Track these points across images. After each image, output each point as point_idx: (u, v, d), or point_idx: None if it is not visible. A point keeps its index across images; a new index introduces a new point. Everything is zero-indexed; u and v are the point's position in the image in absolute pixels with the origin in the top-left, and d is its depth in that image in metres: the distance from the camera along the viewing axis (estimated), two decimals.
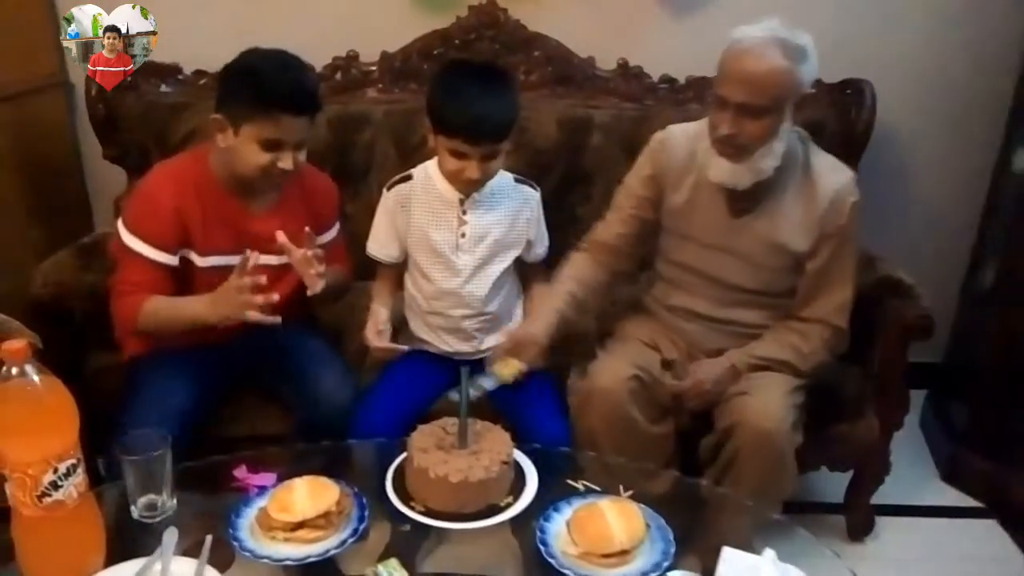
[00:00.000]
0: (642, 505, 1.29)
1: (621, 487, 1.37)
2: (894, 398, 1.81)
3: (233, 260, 1.53)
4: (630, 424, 1.59)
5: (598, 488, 1.38)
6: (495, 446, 1.34)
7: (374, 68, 2.18)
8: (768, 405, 1.54)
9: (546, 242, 1.82)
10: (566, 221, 2.10)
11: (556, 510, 1.30)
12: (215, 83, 2.13)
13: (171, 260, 1.61)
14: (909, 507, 2.09)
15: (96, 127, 2.06)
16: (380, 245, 1.76)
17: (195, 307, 1.56)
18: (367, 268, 1.83)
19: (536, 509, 1.30)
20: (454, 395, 1.38)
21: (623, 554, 1.20)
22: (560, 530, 1.26)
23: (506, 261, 1.73)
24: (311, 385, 1.66)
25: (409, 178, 1.73)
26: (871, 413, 1.82)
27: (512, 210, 1.72)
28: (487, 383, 1.56)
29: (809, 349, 1.64)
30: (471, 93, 1.56)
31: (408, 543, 1.49)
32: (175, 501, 1.30)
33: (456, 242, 1.69)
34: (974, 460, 2.14)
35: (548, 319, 1.63)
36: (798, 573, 1.17)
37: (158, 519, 1.28)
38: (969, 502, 2.12)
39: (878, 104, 2.07)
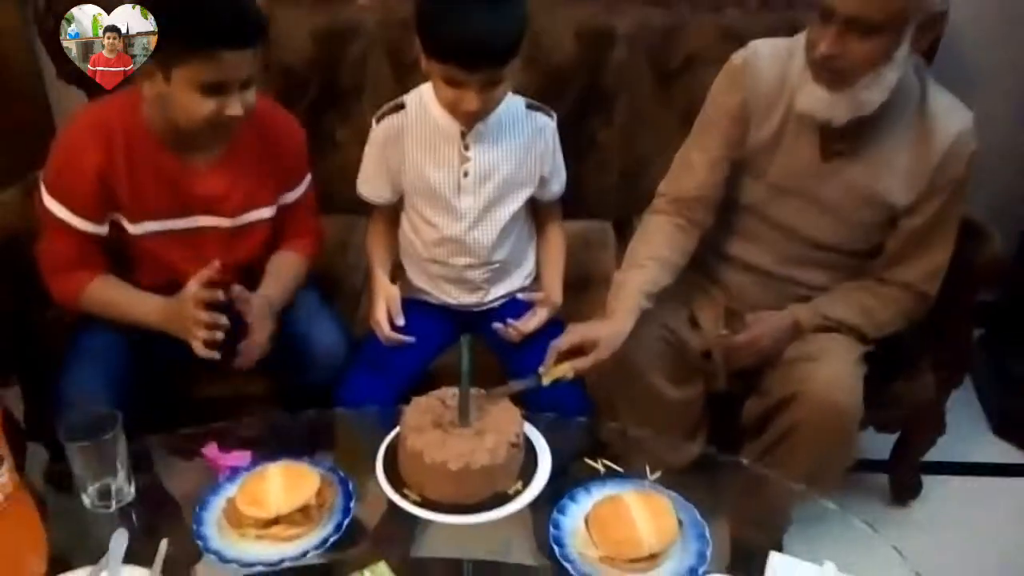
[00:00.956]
0: (673, 494, 1.12)
1: (648, 468, 1.19)
2: (956, 353, 1.60)
3: (170, 225, 1.34)
4: (652, 391, 1.40)
5: (620, 469, 1.20)
6: (502, 424, 1.15)
7: None
8: (839, 374, 1.34)
9: (563, 177, 1.58)
10: (584, 149, 1.87)
11: (573, 499, 1.13)
12: None
13: (98, 230, 1.38)
14: (955, 464, 1.92)
15: (46, 42, 1.81)
16: (371, 186, 1.54)
17: (144, 309, 1.39)
18: (361, 203, 1.60)
19: (549, 494, 1.12)
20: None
21: (652, 558, 1.03)
22: (578, 527, 1.08)
23: (516, 203, 1.50)
24: (300, 346, 1.46)
25: (401, 107, 1.48)
26: (927, 369, 1.62)
27: (523, 143, 1.48)
28: (522, 383, 1.26)
29: (885, 317, 1.42)
30: (465, 5, 1.28)
31: (402, 525, 1.35)
32: (133, 487, 1.14)
33: (458, 182, 1.46)
34: None
35: (622, 330, 1.33)
36: None
37: (115, 508, 1.12)
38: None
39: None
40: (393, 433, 1.18)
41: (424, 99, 1.45)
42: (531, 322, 1.47)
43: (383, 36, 1.87)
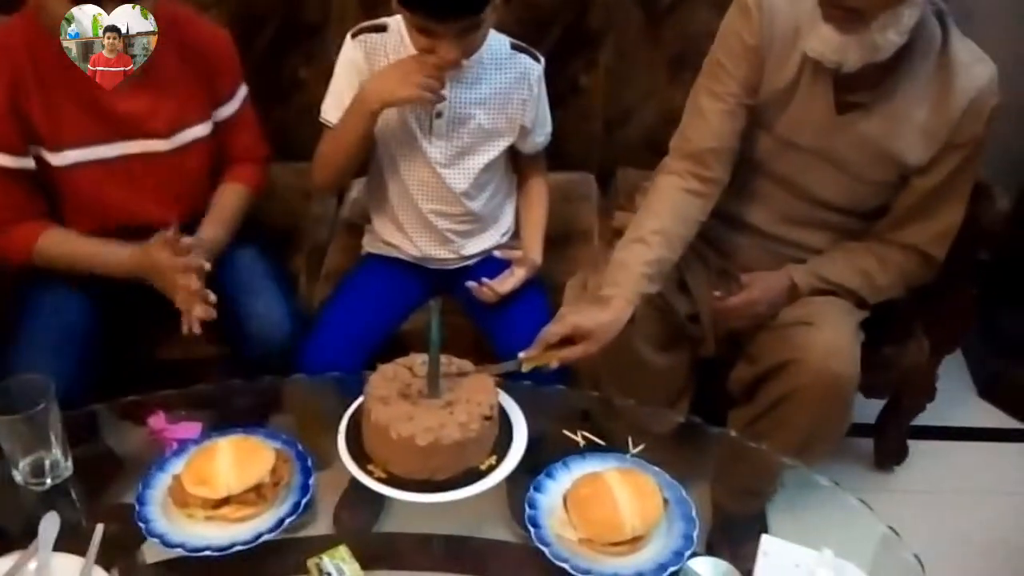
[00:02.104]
0: (657, 470, 1.05)
1: (630, 440, 1.11)
2: (954, 317, 1.53)
3: (99, 153, 1.26)
4: (636, 357, 1.32)
5: (601, 442, 1.13)
6: (474, 394, 1.06)
7: None
8: (838, 341, 1.26)
9: (548, 128, 1.47)
10: (566, 93, 1.76)
11: (550, 476, 1.06)
12: None
13: (23, 163, 1.27)
14: (940, 428, 1.86)
15: None
16: (340, 109, 1.35)
17: (116, 257, 1.30)
18: (313, 149, 1.43)
19: (525, 467, 1.04)
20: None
21: (635, 541, 0.96)
22: (555, 506, 1.01)
23: (493, 152, 1.39)
24: (241, 318, 1.35)
25: (383, 28, 1.34)
26: (920, 332, 1.55)
27: (504, 86, 1.36)
28: (500, 367, 1.15)
29: (885, 281, 1.34)
30: None
31: (365, 504, 1.27)
32: (70, 461, 1.05)
33: (429, 123, 1.34)
34: (1021, 375, 1.90)
35: (618, 321, 1.19)
36: (856, 572, 0.92)
37: (49, 485, 1.03)
38: (1011, 423, 1.90)
39: None
40: (357, 403, 1.10)
41: (404, 28, 1.32)
42: (508, 282, 1.37)
43: None
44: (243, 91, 1.44)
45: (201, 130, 1.37)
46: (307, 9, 1.75)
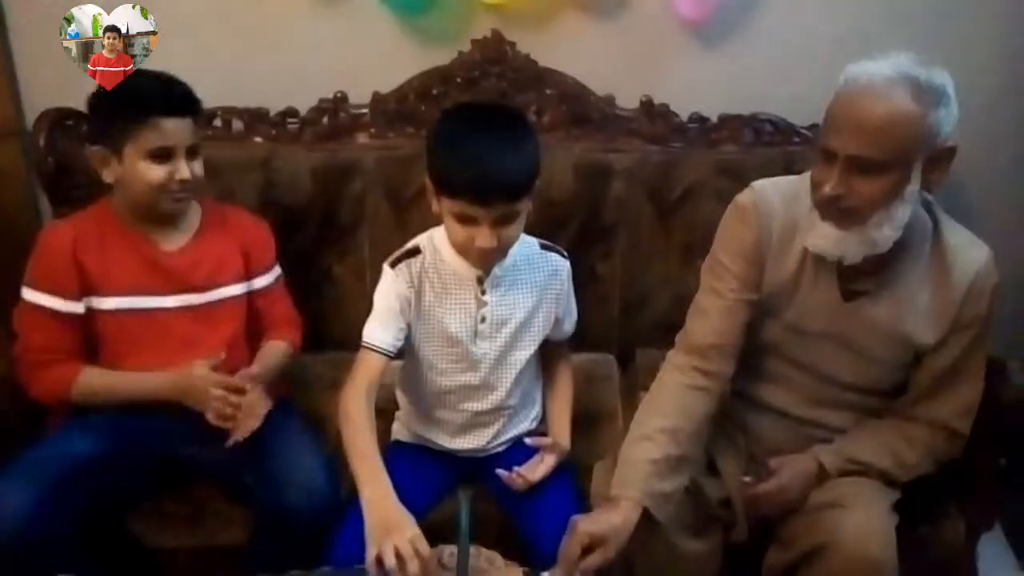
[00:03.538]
0: None
1: None
2: (985, 494, 1.51)
3: (143, 302, 1.47)
4: (668, 542, 1.30)
5: None
6: None
7: (365, 111, 1.94)
8: (872, 523, 1.24)
9: (574, 317, 1.54)
10: (586, 280, 1.85)
11: None
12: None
13: (75, 308, 1.46)
14: None
15: (44, 181, 1.81)
16: (386, 333, 1.37)
17: (154, 383, 1.45)
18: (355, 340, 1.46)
19: None
20: None
21: None
22: None
23: (533, 346, 1.46)
24: (281, 470, 1.38)
25: (417, 252, 1.41)
26: (955, 511, 1.52)
27: (539, 285, 1.44)
28: None
29: (914, 459, 1.35)
30: (478, 141, 1.26)
31: None
32: None
33: (475, 328, 1.41)
34: None
35: (628, 523, 1.19)
36: None
37: None
38: None
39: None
40: None
41: (436, 243, 1.41)
42: (539, 469, 1.39)
43: (382, 173, 1.88)
44: (278, 269, 1.66)
45: (234, 290, 1.56)
46: (342, 210, 1.88)
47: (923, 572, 1.59)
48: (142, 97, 1.41)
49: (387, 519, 1.16)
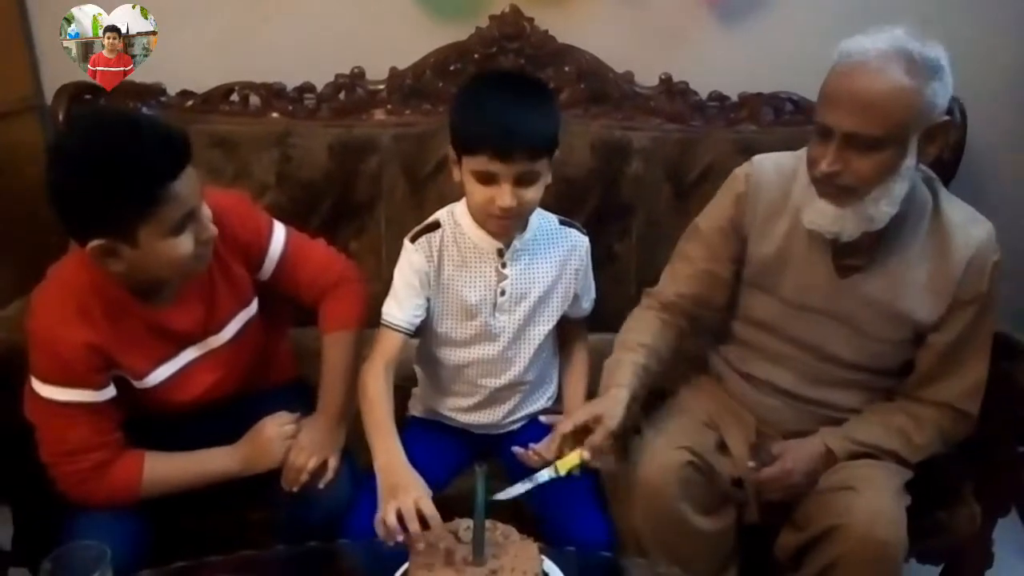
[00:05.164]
0: None
1: None
2: (1001, 480, 1.50)
3: (171, 368, 1.33)
4: (681, 523, 1.31)
5: None
6: (519, 562, 1.07)
7: (382, 87, 1.93)
8: (881, 506, 1.24)
9: (592, 294, 1.54)
10: (603, 260, 1.82)
11: None
12: (203, 104, 1.93)
13: (110, 393, 1.29)
14: None
15: None
16: (403, 311, 1.39)
17: (221, 464, 1.36)
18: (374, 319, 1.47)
19: None
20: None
21: None
22: None
23: (551, 321, 1.45)
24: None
25: (437, 226, 1.41)
26: (971, 496, 1.52)
27: (558, 259, 1.44)
28: (540, 477, 1.25)
29: (923, 440, 1.34)
30: (501, 100, 1.28)
31: None
32: None
33: (494, 301, 1.41)
34: None
35: (620, 398, 1.31)
36: None
37: None
38: None
39: (969, 127, 1.78)
40: (401, 570, 1.10)
41: (457, 217, 1.40)
42: (554, 447, 1.39)
43: (399, 149, 1.88)
44: (279, 234, 1.44)
45: (247, 313, 1.42)
46: (358, 187, 1.89)
47: (939, 557, 1.60)
48: (148, 177, 1.15)
49: (395, 483, 1.20)
